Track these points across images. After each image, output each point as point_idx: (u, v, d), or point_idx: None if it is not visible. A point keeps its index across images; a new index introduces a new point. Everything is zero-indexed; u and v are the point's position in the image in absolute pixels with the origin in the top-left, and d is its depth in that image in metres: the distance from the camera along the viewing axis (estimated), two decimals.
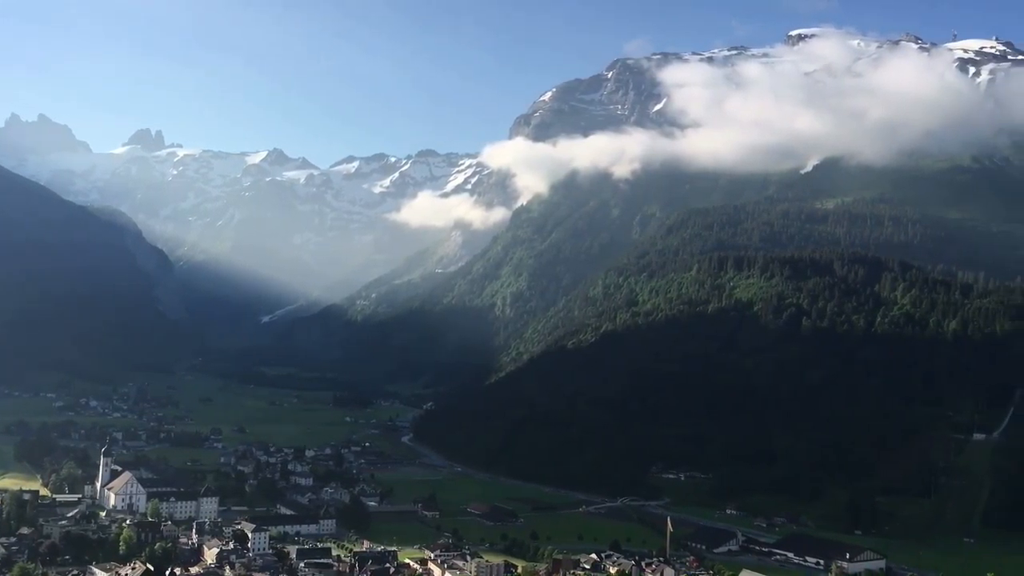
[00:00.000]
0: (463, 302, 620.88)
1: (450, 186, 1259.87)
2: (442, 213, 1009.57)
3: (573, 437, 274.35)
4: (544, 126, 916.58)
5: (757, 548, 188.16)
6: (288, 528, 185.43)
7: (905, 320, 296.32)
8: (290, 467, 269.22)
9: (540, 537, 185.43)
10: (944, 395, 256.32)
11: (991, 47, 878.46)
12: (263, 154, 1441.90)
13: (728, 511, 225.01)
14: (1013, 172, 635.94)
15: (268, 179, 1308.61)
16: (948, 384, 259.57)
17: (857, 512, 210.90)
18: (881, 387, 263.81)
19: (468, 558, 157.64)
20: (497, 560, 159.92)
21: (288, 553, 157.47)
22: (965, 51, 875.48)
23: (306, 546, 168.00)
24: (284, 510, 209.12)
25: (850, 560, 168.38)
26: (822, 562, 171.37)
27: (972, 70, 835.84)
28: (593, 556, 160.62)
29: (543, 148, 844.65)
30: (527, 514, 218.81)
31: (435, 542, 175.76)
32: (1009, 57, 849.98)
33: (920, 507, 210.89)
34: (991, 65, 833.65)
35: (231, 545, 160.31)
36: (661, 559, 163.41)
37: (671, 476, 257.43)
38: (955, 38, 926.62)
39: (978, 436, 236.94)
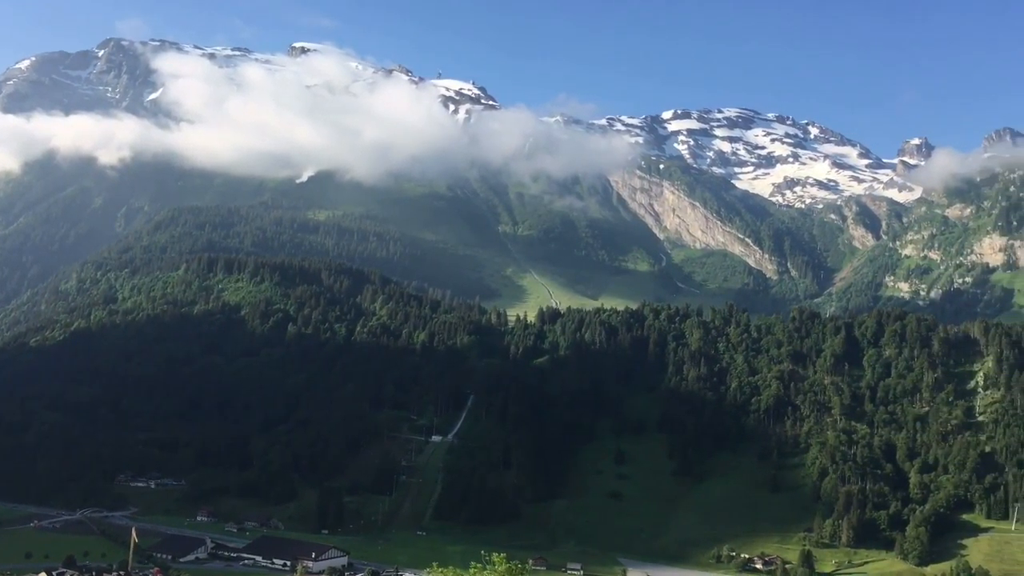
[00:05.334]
0: None
1: None
2: None
3: (28, 445, 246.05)
4: (19, 97, 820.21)
5: (226, 554, 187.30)
6: None
7: (382, 330, 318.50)
8: None
9: None
10: (411, 400, 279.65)
11: (469, 90, 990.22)
12: None
13: (200, 518, 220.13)
14: (479, 203, 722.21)
15: None
16: (415, 390, 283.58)
17: (325, 511, 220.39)
18: (357, 392, 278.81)
19: None
20: None
21: None
22: (448, 89, 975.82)
23: None
24: None
25: (315, 559, 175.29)
26: (289, 563, 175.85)
27: (452, 107, 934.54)
28: (43, 575, 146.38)
29: (15, 121, 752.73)
30: None
31: None
32: (483, 101, 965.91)
33: (382, 504, 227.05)
34: (468, 105, 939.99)
35: None
36: (122, 573, 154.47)
37: (141, 484, 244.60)
38: (440, 76, 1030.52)
39: (436, 438, 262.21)
